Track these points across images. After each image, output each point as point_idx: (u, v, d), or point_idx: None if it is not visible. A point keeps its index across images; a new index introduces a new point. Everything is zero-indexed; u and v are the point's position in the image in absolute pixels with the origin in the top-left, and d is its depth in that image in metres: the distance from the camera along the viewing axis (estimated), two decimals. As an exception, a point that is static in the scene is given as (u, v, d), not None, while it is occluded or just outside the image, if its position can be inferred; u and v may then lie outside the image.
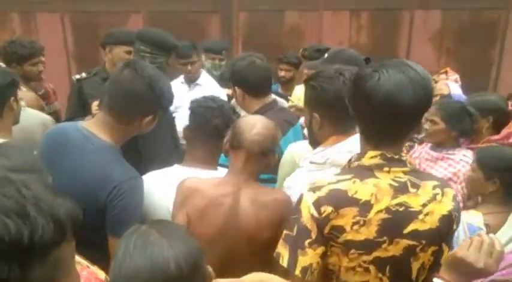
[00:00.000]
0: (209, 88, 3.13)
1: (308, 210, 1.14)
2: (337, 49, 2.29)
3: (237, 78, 2.17)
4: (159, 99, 1.55)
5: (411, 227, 1.14)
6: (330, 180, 1.16)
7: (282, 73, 3.70)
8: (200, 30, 4.69)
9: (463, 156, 2.22)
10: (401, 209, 1.13)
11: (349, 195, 1.13)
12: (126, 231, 0.91)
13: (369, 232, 1.13)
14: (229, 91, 2.95)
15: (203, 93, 2.02)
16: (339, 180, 1.16)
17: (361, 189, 1.13)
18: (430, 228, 1.15)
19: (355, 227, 1.12)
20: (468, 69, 4.04)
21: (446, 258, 1.07)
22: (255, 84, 2.15)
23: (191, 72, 3.26)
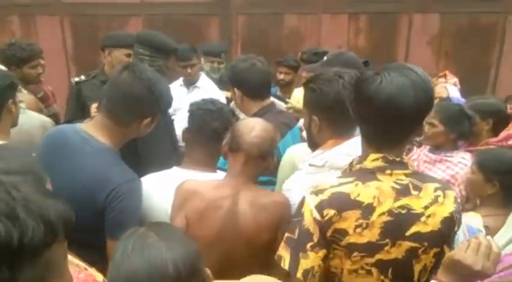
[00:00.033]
0: (208, 91, 3.13)
1: (310, 214, 1.14)
2: (336, 52, 2.29)
3: (237, 80, 2.17)
4: (157, 101, 1.55)
5: (413, 229, 1.14)
6: (332, 183, 1.16)
7: (281, 76, 3.71)
8: (199, 33, 4.70)
9: (461, 159, 2.22)
10: (403, 212, 1.14)
11: (352, 198, 1.13)
12: (124, 234, 0.90)
13: (371, 235, 1.13)
14: (228, 94, 2.95)
15: (202, 95, 2.02)
16: (341, 183, 1.16)
17: (363, 192, 1.13)
18: (432, 230, 1.15)
19: (358, 230, 1.12)
20: (467, 72, 4.06)
21: (443, 260, 1.07)
22: (254, 87, 2.15)
23: (191, 75, 3.27)
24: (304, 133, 1.80)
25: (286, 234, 1.19)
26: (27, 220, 0.59)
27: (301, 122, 1.98)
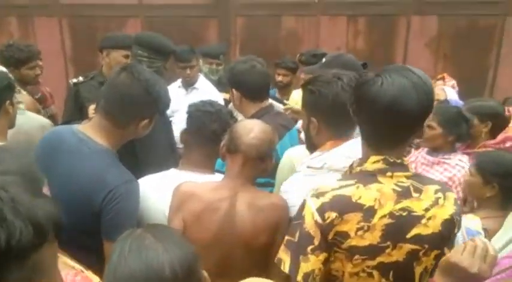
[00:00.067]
0: (206, 92, 3.13)
1: (312, 216, 1.13)
2: (334, 54, 2.29)
3: (236, 81, 2.16)
4: (155, 103, 1.54)
5: (414, 232, 1.14)
6: (333, 186, 1.16)
7: (279, 78, 3.71)
8: (198, 35, 4.70)
9: (458, 161, 2.23)
10: (404, 214, 1.14)
11: (353, 200, 1.13)
12: (121, 235, 0.90)
13: (373, 237, 1.12)
14: (227, 96, 2.95)
15: (200, 97, 2.02)
16: (342, 186, 1.15)
17: (364, 195, 1.13)
18: (433, 233, 1.15)
19: (360, 233, 1.12)
20: (465, 74, 4.06)
21: (440, 262, 1.07)
22: (253, 89, 2.15)
23: (190, 76, 3.27)
24: (302, 135, 1.79)
25: (287, 237, 1.18)
26: (15, 221, 0.58)
27: (299, 123, 1.98)
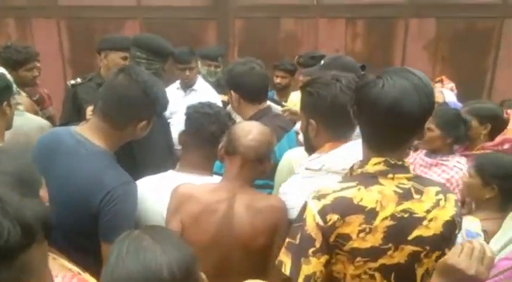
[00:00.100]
0: (205, 94, 3.13)
1: (313, 219, 1.13)
2: (333, 56, 2.29)
3: (234, 83, 2.16)
4: (153, 104, 1.54)
5: (416, 233, 1.14)
6: (334, 188, 1.16)
7: (277, 80, 3.71)
8: (196, 37, 4.70)
9: (456, 163, 2.24)
10: (406, 216, 1.13)
11: (355, 202, 1.12)
12: (118, 237, 0.89)
13: (374, 239, 1.12)
14: (225, 98, 2.95)
15: (199, 99, 2.01)
16: (344, 188, 1.15)
17: (366, 197, 1.13)
18: (434, 234, 1.15)
19: (361, 235, 1.12)
20: (463, 77, 4.07)
21: (437, 264, 1.07)
22: (251, 90, 2.15)
23: (189, 78, 3.27)
24: (300, 136, 1.79)
25: (287, 240, 1.18)
26: (3, 222, 0.58)
27: (298, 125, 1.98)
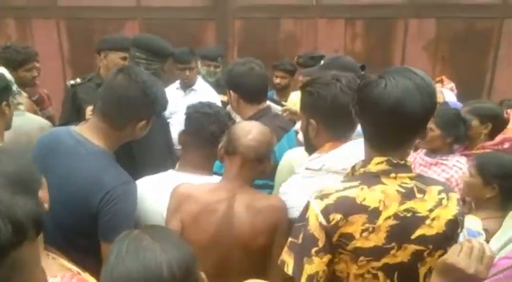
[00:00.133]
0: (205, 94, 3.13)
1: (316, 218, 1.13)
2: (333, 56, 2.28)
3: (234, 83, 2.16)
4: (152, 104, 1.54)
5: (419, 232, 1.14)
6: (337, 188, 1.16)
7: (277, 80, 3.71)
8: (196, 38, 4.70)
9: (456, 162, 2.24)
10: (409, 215, 1.14)
11: (358, 202, 1.13)
12: (118, 236, 0.89)
13: (378, 239, 1.12)
14: (225, 98, 2.95)
15: (199, 99, 2.01)
16: (346, 188, 1.15)
17: (369, 196, 1.13)
18: (437, 233, 1.15)
19: (365, 234, 1.12)
20: (462, 77, 4.07)
21: (436, 263, 1.07)
22: (251, 91, 2.14)
23: (189, 78, 3.27)
24: (299, 136, 1.79)
25: (290, 239, 1.18)
26: None
27: (297, 125, 1.98)
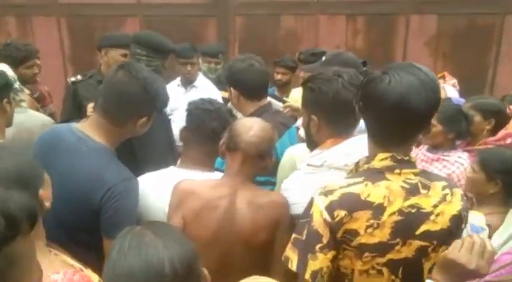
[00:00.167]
0: (206, 91, 3.13)
1: (320, 215, 1.13)
2: (334, 52, 2.28)
3: (234, 80, 2.16)
4: (153, 101, 1.53)
5: (423, 228, 1.14)
6: (341, 184, 1.16)
7: (278, 76, 3.70)
8: (197, 34, 4.69)
9: (457, 158, 2.24)
10: (413, 211, 1.14)
11: (362, 198, 1.12)
12: (120, 232, 0.89)
13: (382, 235, 1.12)
14: (226, 94, 2.94)
15: (200, 95, 2.00)
16: (350, 184, 1.15)
17: (373, 192, 1.13)
18: (442, 229, 1.15)
19: (369, 230, 1.12)
20: (464, 73, 4.06)
21: (438, 259, 1.07)
22: (251, 87, 2.14)
23: (190, 73, 3.26)
24: (300, 132, 1.78)
25: (294, 235, 1.18)
26: None
27: (299, 121, 1.97)
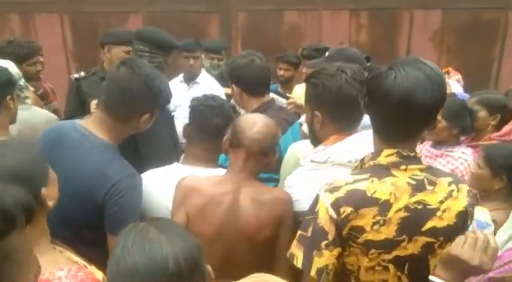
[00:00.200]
0: (208, 87, 3.11)
1: (326, 212, 1.12)
2: (338, 48, 2.27)
3: (235, 76, 2.15)
4: (156, 97, 1.53)
5: (429, 224, 1.14)
6: (347, 181, 1.15)
7: (281, 72, 3.69)
8: (199, 30, 4.68)
9: (461, 154, 2.22)
10: (419, 207, 1.13)
11: (368, 195, 1.12)
12: (124, 229, 0.89)
13: (388, 231, 1.12)
14: (229, 91, 2.94)
15: (202, 92, 2.00)
16: (356, 180, 1.15)
17: (379, 189, 1.12)
18: (448, 225, 1.15)
19: (375, 227, 1.12)
20: (469, 68, 4.04)
21: (441, 255, 1.06)
22: (252, 84, 2.14)
23: (193, 67, 3.24)
24: (304, 128, 1.78)
25: (299, 232, 1.18)
26: None
27: (302, 118, 1.97)
